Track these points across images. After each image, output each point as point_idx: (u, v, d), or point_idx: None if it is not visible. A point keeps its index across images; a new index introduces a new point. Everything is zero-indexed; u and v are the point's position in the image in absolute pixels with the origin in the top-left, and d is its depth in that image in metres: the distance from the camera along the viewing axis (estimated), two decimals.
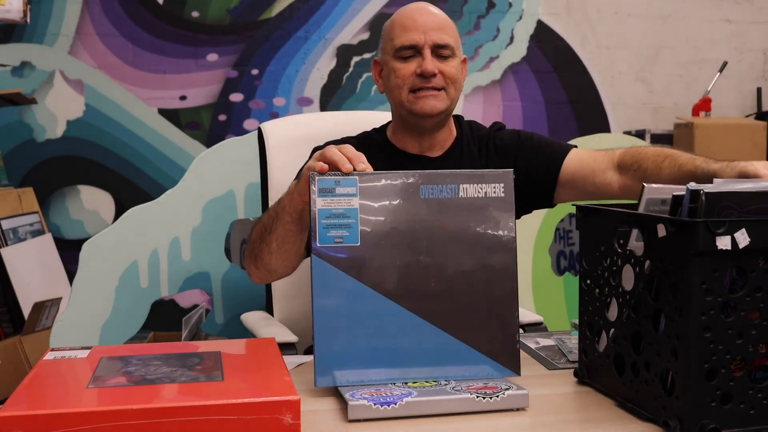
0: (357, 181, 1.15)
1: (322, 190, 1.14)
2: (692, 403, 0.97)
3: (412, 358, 1.15)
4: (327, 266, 1.13)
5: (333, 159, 1.19)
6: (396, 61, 1.58)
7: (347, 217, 1.14)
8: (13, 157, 3.60)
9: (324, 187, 1.14)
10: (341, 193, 1.14)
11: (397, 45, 1.57)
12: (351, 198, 1.14)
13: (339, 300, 1.14)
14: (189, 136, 3.77)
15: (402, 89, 1.57)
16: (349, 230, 1.14)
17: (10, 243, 3.01)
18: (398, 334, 1.15)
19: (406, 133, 1.64)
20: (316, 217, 1.13)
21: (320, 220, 1.13)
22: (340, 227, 1.14)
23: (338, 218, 1.14)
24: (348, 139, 1.66)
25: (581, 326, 1.21)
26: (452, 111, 1.63)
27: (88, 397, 0.96)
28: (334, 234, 1.13)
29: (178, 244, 2.17)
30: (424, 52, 1.56)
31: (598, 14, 4.13)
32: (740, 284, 0.99)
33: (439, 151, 1.65)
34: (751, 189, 1.02)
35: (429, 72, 1.54)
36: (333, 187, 1.14)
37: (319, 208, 1.13)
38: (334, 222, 1.13)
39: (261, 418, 0.93)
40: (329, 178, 1.14)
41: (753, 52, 4.33)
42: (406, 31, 1.57)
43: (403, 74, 1.56)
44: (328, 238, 1.13)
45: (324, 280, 1.13)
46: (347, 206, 1.14)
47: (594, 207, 1.18)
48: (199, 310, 2.64)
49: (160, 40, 3.72)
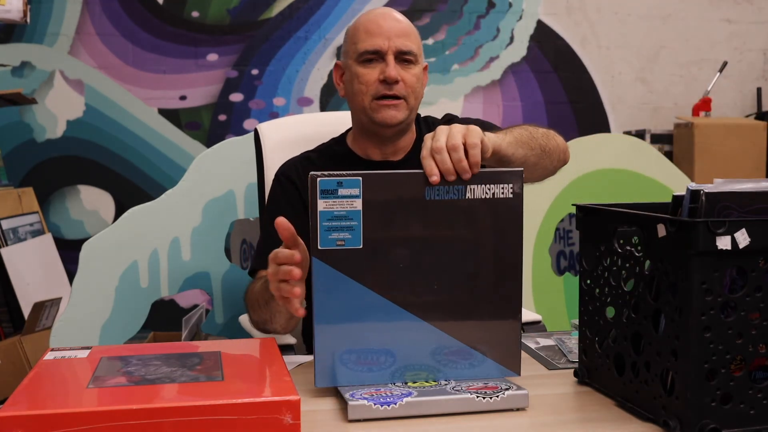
0: (360, 182, 1.12)
1: (324, 192, 1.11)
2: (692, 403, 0.97)
3: (413, 359, 1.15)
4: (328, 269, 1.12)
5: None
6: (359, 65, 1.56)
7: (349, 219, 1.12)
8: (13, 157, 3.60)
9: (326, 188, 1.11)
10: (344, 194, 1.12)
11: (360, 49, 1.56)
12: (354, 200, 1.12)
13: (340, 302, 1.13)
14: (189, 136, 3.77)
15: (365, 95, 1.56)
16: (351, 233, 1.12)
17: (10, 243, 3.01)
18: (399, 335, 1.14)
19: (367, 139, 1.63)
20: (317, 219, 1.11)
21: (322, 222, 1.11)
22: (342, 230, 1.12)
23: (340, 220, 1.12)
24: (308, 152, 1.67)
25: (581, 326, 1.21)
26: (412, 119, 1.63)
27: (88, 397, 0.96)
28: (336, 236, 1.12)
29: (178, 244, 2.17)
30: (387, 57, 1.54)
31: (598, 14, 4.13)
32: (740, 284, 0.99)
33: (401, 154, 1.64)
34: (751, 189, 1.02)
35: (392, 78, 1.53)
36: (335, 188, 1.11)
37: (321, 210, 1.11)
38: (336, 224, 1.11)
39: (261, 418, 0.93)
40: (332, 179, 1.11)
41: (753, 52, 4.33)
42: (370, 36, 1.55)
43: (366, 80, 1.55)
44: (329, 241, 1.12)
45: (325, 282, 1.12)
46: (350, 208, 1.11)
47: (594, 207, 1.18)
48: (199, 310, 2.64)
49: (160, 40, 3.72)
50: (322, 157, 1.65)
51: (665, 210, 1.08)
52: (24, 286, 2.97)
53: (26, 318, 2.86)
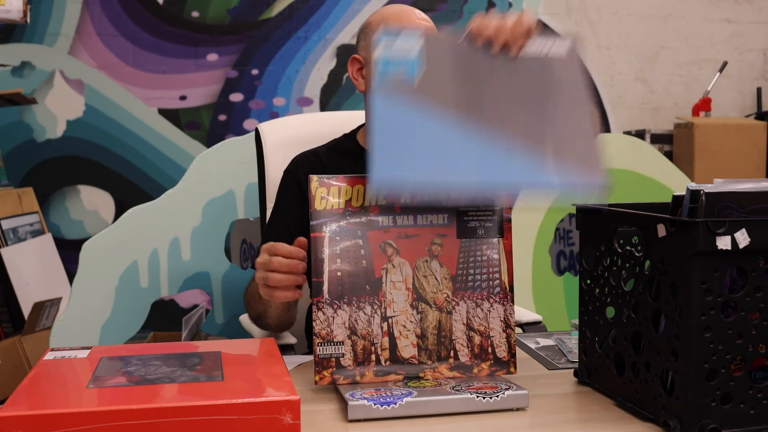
0: (418, 36, 1.17)
1: (386, 42, 1.16)
2: (692, 403, 0.97)
3: (476, 163, 1.11)
4: (387, 100, 1.13)
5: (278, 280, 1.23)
6: None
7: (407, 63, 1.15)
8: (13, 157, 3.60)
9: (388, 38, 1.16)
10: (403, 44, 1.16)
11: None
12: (410, 49, 1.16)
13: (399, 110, 1.12)
14: (189, 136, 3.77)
15: None
16: (408, 70, 1.15)
17: (10, 243, 3.01)
18: (461, 143, 1.12)
19: None
20: (377, 61, 1.14)
21: (380, 66, 1.14)
22: (399, 67, 1.15)
23: (398, 65, 1.15)
24: (317, 148, 1.68)
25: (581, 326, 1.21)
26: None
27: (88, 397, 0.96)
28: (395, 71, 1.15)
29: (178, 244, 2.17)
30: None
31: (598, 14, 4.13)
32: (740, 284, 0.99)
33: None
34: (752, 189, 1.02)
35: None
36: (394, 39, 1.16)
37: (380, 55, 1.15)
38: (393, 68, 1.15)
39: (261, 418, 0.93)
40: (393, 29, 1.16)
41: (753, 52, 4.33)
42: None
43: None
44: (386, 79, 1.14)
45: (383, 100, 1.12)
46: (408, 56, 1.16)
47: (594, 207, 1.18)
48: (199, 310, 2.64)
49: (160, 40, 3.72)
50: (331, 153, 1.66)
51: (665, 210, 1.08)
52: (24, 286, 2.97)
53: (26, 318, 2.86)
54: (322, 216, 1.20)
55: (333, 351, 1.18)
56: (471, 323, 1.22)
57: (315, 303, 1.18)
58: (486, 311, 1.22)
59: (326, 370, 1.17)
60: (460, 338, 1.21)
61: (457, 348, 1.21)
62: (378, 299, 1.20)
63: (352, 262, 1.20)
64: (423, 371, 1.20)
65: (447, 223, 1.23)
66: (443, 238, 1.23)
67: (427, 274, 1.22)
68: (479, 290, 1.23)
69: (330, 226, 1.20)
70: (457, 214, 1.24)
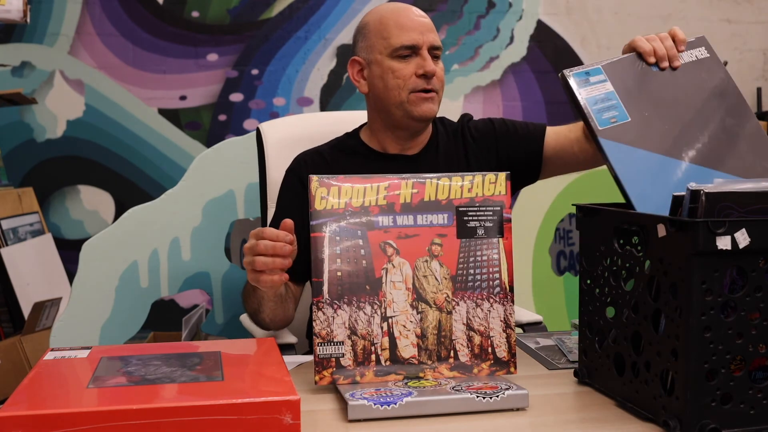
0: (601, 69, 1.27)
1: (579, 82, 1.26)
2: (692, 403, 0.97)
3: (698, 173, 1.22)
4: (617, 145, 1.21)
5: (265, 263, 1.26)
6: (393, 60, 1.56)
7: (609, 99, 1.25)
8: (13, 157, 3.60)
9: (580, 78, 1.26)
10: (594, 81, 1.27)
11: (395, 44, 1.56)
12: (604, 83, 1.26)
13: (637, 167, 1.20)
14: (189, 136, 3.77)
15: (402, 90, 1.56)
16: (617, 110, 1.24)
17: (10, 243, 3.01)
18: (679, 155, 1.23)
19: (389, 133, 1.63)
20: (587, 107, 1.23)
21: (591, 107, 1.24)
22: (609, 109, 1.24)
23: (603, 102, 1.24)
24: (320, 147, 1.68)
25: (581, 326, 1.21)
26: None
27: (88, 397, 0.96)
28: (608, 116, 1.23)
29: (178, 244, 2.17)
30: (422, 52, 1.55)
31: (598, 14, 4.13)
32: (740, 284, 0.99)
33: (417, 149, 1.65)
34: (752, 189, 1.02)
35: (432, 72, 1.55)
36: (586, 78, 1.27)
37: (586, 98, 1.24)
38: (601, 106, 1.24)
39: (261, 418, 0.93)
40: (581, 71, 1.26)
41: (753, 52, 4.33)
42: (404, 31, 1.56)
43: (403, 74, 1.55)
44: (604, 121, 1.23)
45: (618, 156, 1.20)
46: (605, 91, 1.26)
47: (594, 207, 1.18)
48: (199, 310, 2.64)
49: (160, 40, 3.72)
50: (334, 151, 1.66)
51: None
52: (24, 286, 2.97)
53: (26, 318, 2.86)
54: (322, 216, 1.21)
55: (333, 351, 1.18)
56: (471, 323, 1.22)
57: (315, 303, 1.18)
58: (486, 311, 1.23)
59: (326, 370, 1.17)
60: (460, 338, 1.21)
61: (457, 348, 1.21)
62: (378, 299, 1.20)
63: (352, 262, 1.20)
64: (423, 371, 1.20)
65: (447, 223, 1.24)
66: (443, 238, 1.23)
67: (427, 274, 1.22)
68: (479, 290, 1.23)
69: (330, 226, 1.20)
70: (457, 213, 1.24)
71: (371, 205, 1.22)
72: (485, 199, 1.25)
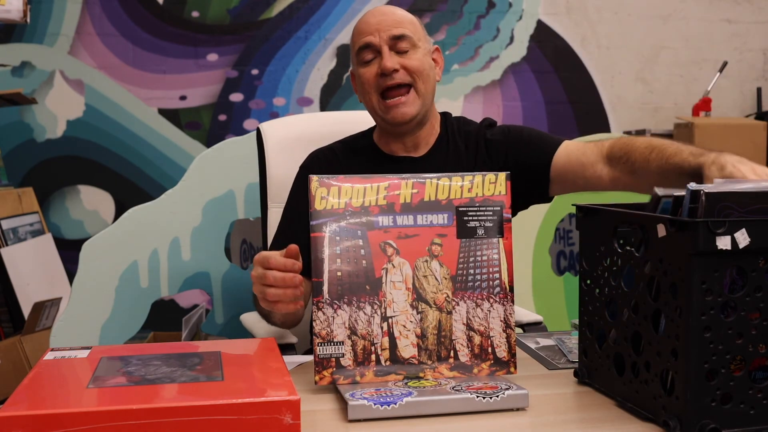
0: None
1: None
2: (692, 403, 0.97)
3: None
4: None
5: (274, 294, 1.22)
6: (360, 67, 1.57)
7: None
8: (13, 157, 3.60)
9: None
10: None
11: (356, 50, 1.56)
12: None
13: None
14: (189, 136, 3.77)
15: (371, 95, 1.56)
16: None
17: (10, 243, 3.01)
18: None
19: (389, 136, 1.63)
20: None
21: None
22: None
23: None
24: (334, 144, 1.68)
25: (581, 326, 1.21)
26: (428, 107, 1.60)
27: (88, 397, 0.96)
28: None
29: (178, 244, 2.17)
30: (381, 49, 1.53)
31: (598, 14, 4.13)
32: (740, 284, 0.99)
33: (424, 149, 1.63)
34: (752, 189, 1.02)
35: (387, 68, 1.52)
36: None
37: None
38: None
39: (261, 418, 0.93)
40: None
41: (753, 52, 4.33)
42: (361, 35, 1.56)
43: (367, 78, 1.55)
44: None
45: None
46: None
47: (594, 207, 1.18)
48: (199, 310, 2.64)
49: (160, 40, 3.72)
50: (346, 150, 1.66)
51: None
52: (24, 286, 2.97)
53: (26, 318, 2.86)
54: (322, 216, 1.21)
55: (333, 351, 1.18)
56: (471, 323, 1.22)
57: (315, 303, 1.18)
58: (486, 311, 1.23)
59: (326, 370, 1.17)
60: (460, 338, 1.21)
61: (457, 348, 1.21)
62: (378, 299, 1.20)
63: (352, 262, 1.20)
64: (423, 371, 1.20)
65: (447, 223, 1.24)
66: (443, 238, 1.23)
67: (427, 274, 1.22)
68: (479, 290, 1.23)
69: (330, 226, 1.20)
70: (457, 213, 1.24)
71: (371, 205, 1.22)
72: (485, 199, 1.25)
